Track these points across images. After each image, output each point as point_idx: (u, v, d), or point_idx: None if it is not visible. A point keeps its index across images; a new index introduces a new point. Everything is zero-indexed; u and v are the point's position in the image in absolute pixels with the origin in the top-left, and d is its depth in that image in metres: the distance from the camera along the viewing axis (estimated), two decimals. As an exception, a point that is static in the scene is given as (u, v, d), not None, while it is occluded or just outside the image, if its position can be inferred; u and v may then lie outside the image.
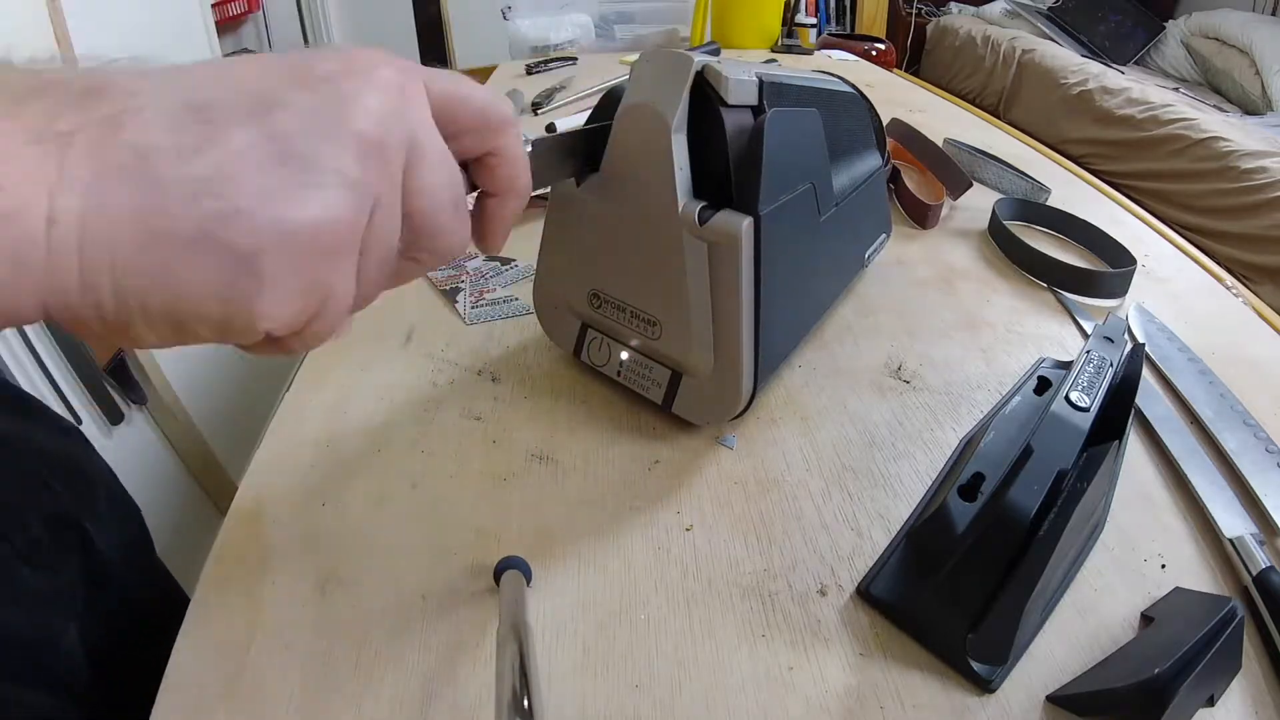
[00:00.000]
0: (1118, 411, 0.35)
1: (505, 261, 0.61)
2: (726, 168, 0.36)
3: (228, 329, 0.18)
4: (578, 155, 0.38)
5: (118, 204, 0.16)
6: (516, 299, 0.56)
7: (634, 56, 0.39)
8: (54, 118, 0.16)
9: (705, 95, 0.36)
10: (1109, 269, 0.60)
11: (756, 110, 0.38)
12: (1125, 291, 0.56)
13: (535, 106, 1.07)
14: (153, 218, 0.16)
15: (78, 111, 0.16)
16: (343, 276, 0.20)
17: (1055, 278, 0.57)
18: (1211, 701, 0.28)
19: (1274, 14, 2.45)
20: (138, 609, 0.34)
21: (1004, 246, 0.63)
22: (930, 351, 0.50)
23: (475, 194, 0.27)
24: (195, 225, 0.16)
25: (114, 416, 0.87)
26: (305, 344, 0.21)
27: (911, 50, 3.14)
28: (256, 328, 0.18)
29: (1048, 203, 0.70)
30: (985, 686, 0.30)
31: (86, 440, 0.47)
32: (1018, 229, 0.64)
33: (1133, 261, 0.58)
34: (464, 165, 0.24)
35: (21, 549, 0.37)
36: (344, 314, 0.21)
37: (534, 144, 0.34)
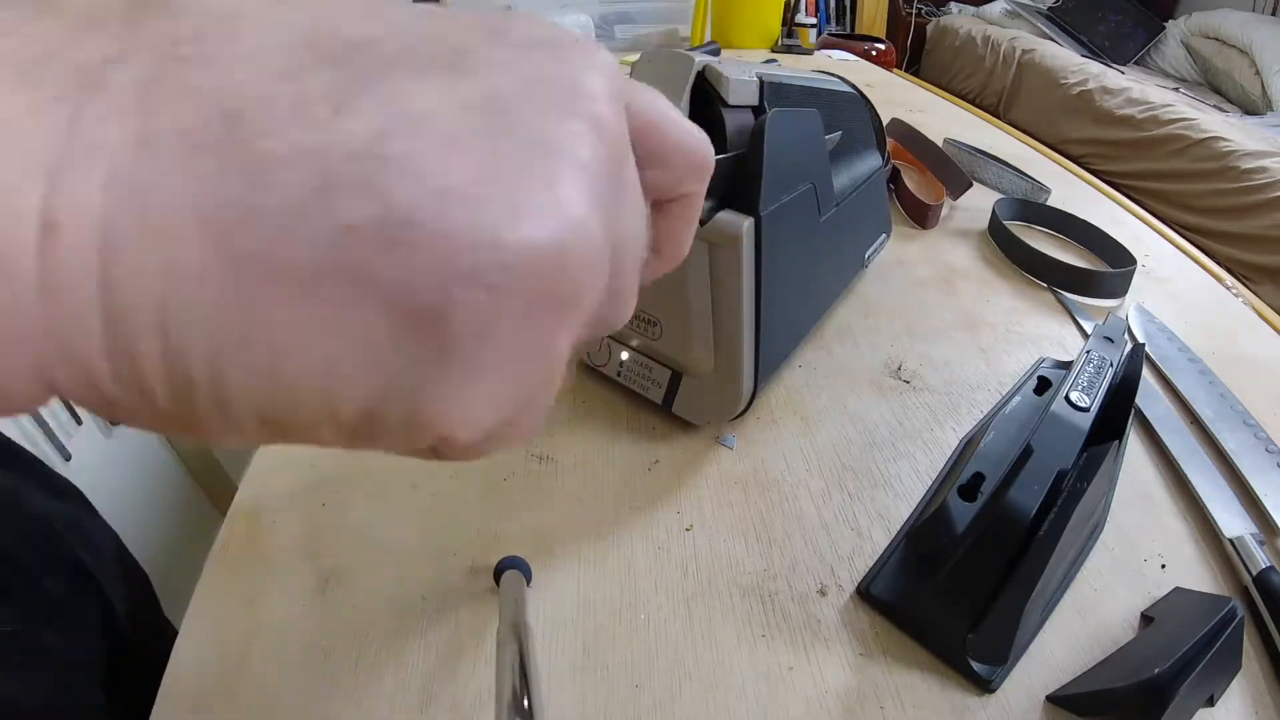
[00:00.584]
0: (1118, 411, 0.35)
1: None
2: (727, 168, 0.36)
3: (374, 431, 0.11)
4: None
5: (178, 200, 0.09)
6: (516, 299, 0.56)
7: (634, 56, 0.39)
8: (72, 38, 0.09)
9: (706, 95, 0.36)
10: (1109, 269, 0.60)
11: (757, 110, 0.38)
12: (1125, 291, 0.56)
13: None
14: (249, 233, 0.09)
15: (119, 26, 0.09)
16: (570, 337, 0.12)
17: (1055, 278, 0.57)
18: (1211, 701, 0.29)
19: (1274, 14, 2.45)
20: (154, 671, 0.33)
21: (1004, 246, 0.63)
22: (930, 351, 0.50)
23: None
24: (326, 246, 0.09)
25: (114, 416, 0.87)
26: (487, 451, 0.13)
27: (911, 50, 3.14)
28: (430, 429, 0.11)
29: (1047, 203, 0.70)
30: (985, 686, 0.30)
31: (87, 500, 0.45)
32: (1017, 229, 0.64)
33: (1133, 261, 0.58)
34: None
35: (41, 609, 0.36)
36: (551, 400, 0.13)
37: None
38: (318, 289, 0.09)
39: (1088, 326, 0.52)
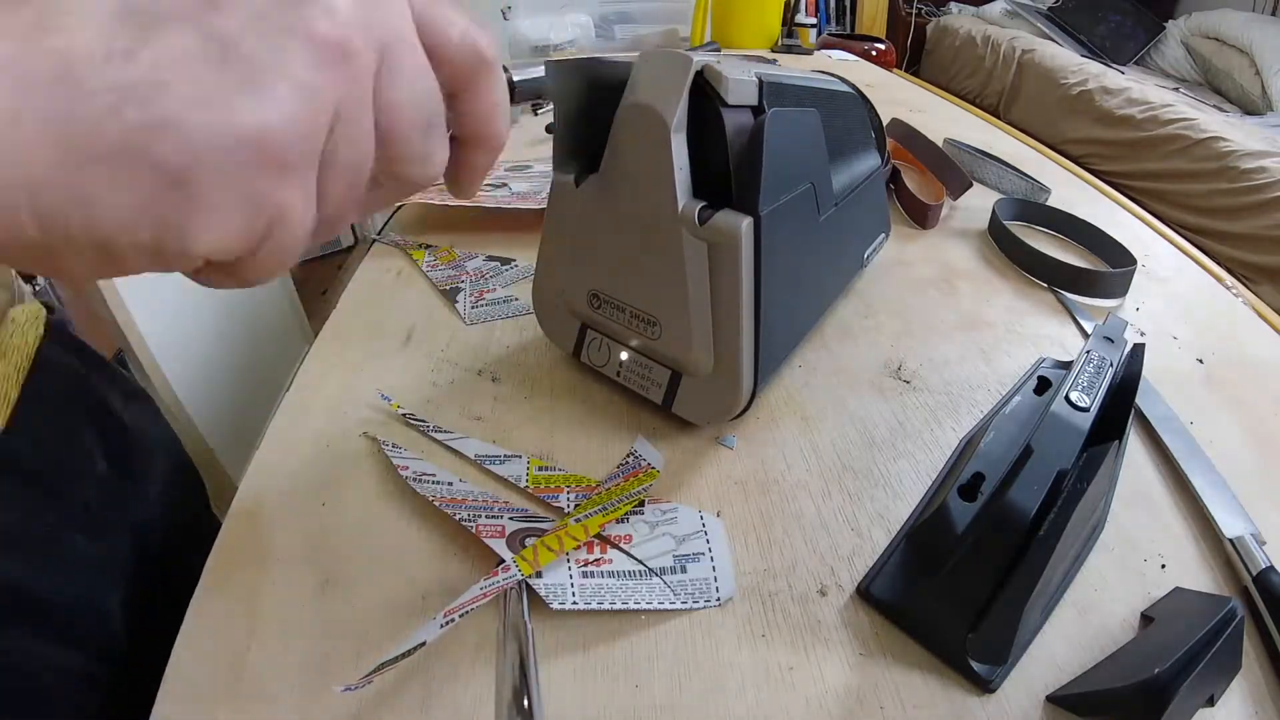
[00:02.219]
0: (1118, 411, 0.35)
1: (505, 261, 0.61)
2: (726, 168, 0.36)
3: (162, 255, 0.17)
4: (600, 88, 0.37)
5: (34, 116, 0.14)
6: (516, 299, 0.56)
7: (634, 56, 0.39)
8: None
9: (705, 95, 0.36)
10: (1109, 269, 0.60)
11: (756, 110, 0.38)
12: (1125, 291, 0.56)
13: (535, 107, 1.07)
14: (72, 130, 0.15)
15: (2, 15, 0.15)
16: (296, 195, 0.18)
17: (1056, 277, 0.58)
18: (1211, 701, 0.29)
19: (1274, 14, 2.45)
20: (186, 577, 0.34)
21: (1004, 246, 0.63)
22: (930, 351, 0.50)
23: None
24: (118, 138, 0.15)
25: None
26: (258, 271, 0.19)
27: (911, 50, 3.14)
28: (192, 252, 0.17)
29: (1047, 203, 0.70)
30: (985, 686, 0.30)
31: (155, 407, 0.49)
32: (1017, 229, 0.64)
33: (1133, 261, 0.58)
34: None
35: (75, 513, 0.38)
36: (301, 238, 0.19)
37: (548, 68, 0.33)
38: (117, 160, 0.15)
39: (1088, 326, 0.52)
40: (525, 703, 0.24)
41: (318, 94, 0.17)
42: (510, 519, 0.36)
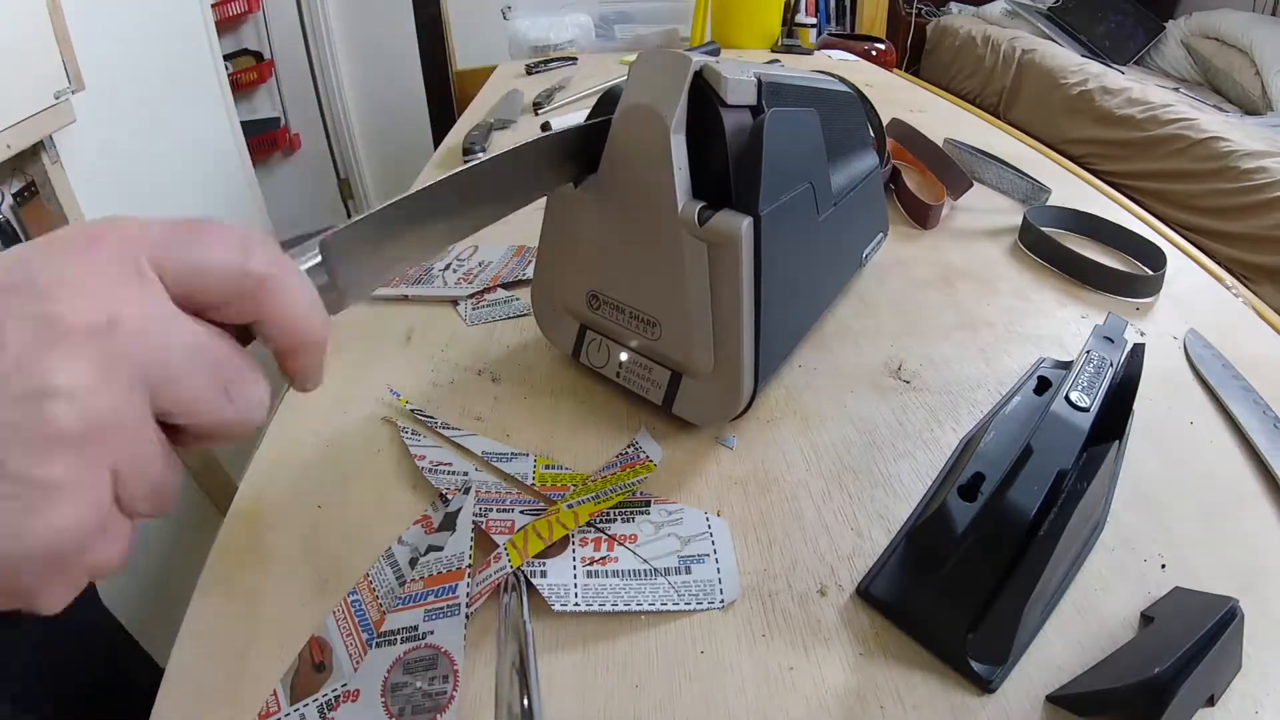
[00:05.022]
0: (1118, 411, 0.35)
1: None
2: (726, 168, 0.36)
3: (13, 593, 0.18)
4: (576, 157, 0.37)
5: None
6: (517, 299, 0.56)
7: (634, 56, 0.39)
8: None
9: (704, 95, 0.36)
10: (1146, 270, 0.60)
11: (755, 110, 0.38)
12: (1159, 289, 0.57)
13: (535, 106, 1.07)
14: None
15: None
16: (102, 547, 0.18)
17: (1099, 281, 0.58)
18: (1212, 701, 0.28)
19: (1274, 14, 2.45)
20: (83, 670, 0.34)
21: (1040, 252, 0.62)
22: (930, 351, 0.50)
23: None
24: None
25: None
26: (94, 573, 0.19)
27: (911, 50, 3.14)
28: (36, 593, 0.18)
29: (1048, 203, 0.70)
30: (985, 686, 0.30)
31: None
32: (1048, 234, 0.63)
33: (1164, 260, 0.58)
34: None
35: None
36: (123, 550, 0.19)
37: (525, 146, 0.32)
38: None
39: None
40: (525, 702, 0.24)
41: (85, 483, 0.17)
42: (521, 513, 0.36)
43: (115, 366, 0.17)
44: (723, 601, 0.33)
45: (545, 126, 0.93)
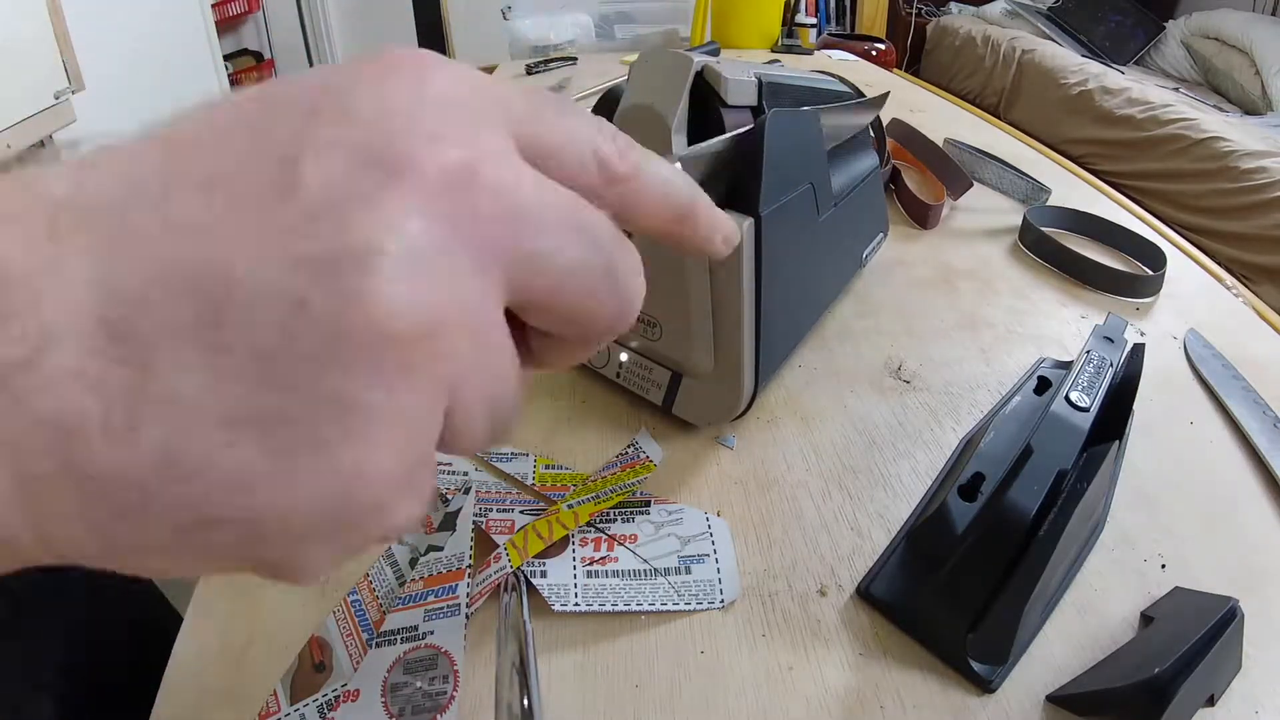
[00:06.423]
0: (1118, 411, 0.35)
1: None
2: (723, 159, 0.36)
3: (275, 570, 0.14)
4: (730, 168, 0.34)
5: (64, 513, 0.11)
6: (516, 299, 0.56)
7: (634, 56, 0.39)
8: None
9: (705, 96, 0.36)
10: (1146, 270, 0.60)
11: (756, 111, 0.38)
12: (1160, 289, 0.57)
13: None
14: (112, 529, 0.11)
15: None
16: (404, 503, 0.13)
17: (1099, 281, 0.58)
18: (1212, 701, 0.29)
19: (1274, 14, 2.45)
20: (131, 664, 0.32)
21: (1040, 252, 0.62)
22: (930, 351, 0.50)
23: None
24: (169, 538, 0.11)
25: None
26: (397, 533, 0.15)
27: (911, 50, 3.14)
28: (306, 580, 0.14)
29: (1048, 203, 0.70)
30: (985, 686, 0.30)
31: None
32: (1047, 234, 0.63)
33: (1164, 260, 0.58)
34: None
35: None
36: (424, 506, 0.14)
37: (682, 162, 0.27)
38: (174, 553, 0.12)
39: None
40: (525, 702, 0.24)
41: (412, 412, 0.12)
42: (521, 513, 0.36)
43: (472, 231, 0.12)
44: (723, 601, 0.33)
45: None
